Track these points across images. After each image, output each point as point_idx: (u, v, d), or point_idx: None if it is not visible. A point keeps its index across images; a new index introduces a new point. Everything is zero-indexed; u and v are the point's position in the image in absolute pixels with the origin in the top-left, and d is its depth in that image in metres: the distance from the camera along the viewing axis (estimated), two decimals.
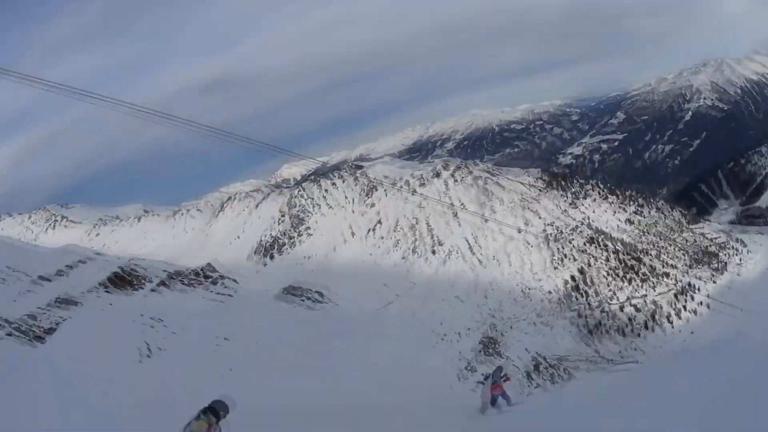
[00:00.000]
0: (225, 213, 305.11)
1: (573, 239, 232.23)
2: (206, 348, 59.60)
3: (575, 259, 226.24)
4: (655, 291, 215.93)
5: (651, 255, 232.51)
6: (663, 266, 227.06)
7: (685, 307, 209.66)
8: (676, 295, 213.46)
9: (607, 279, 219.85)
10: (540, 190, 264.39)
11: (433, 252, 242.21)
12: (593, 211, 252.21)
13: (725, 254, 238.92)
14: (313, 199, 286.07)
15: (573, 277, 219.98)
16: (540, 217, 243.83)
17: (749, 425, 17.48)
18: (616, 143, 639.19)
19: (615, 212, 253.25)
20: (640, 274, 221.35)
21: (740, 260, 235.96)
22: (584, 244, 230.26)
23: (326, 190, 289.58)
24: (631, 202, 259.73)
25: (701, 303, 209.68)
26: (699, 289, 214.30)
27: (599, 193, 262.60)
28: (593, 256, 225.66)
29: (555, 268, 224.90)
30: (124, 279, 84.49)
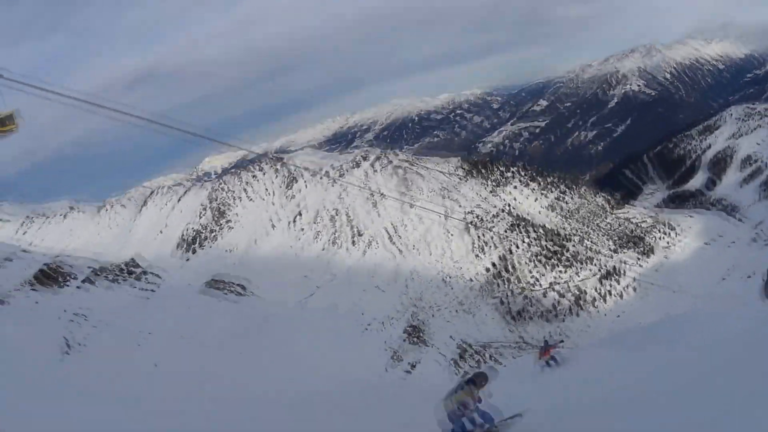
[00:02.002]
0: (148, 208, 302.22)
1: (494, 226, 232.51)
2: (129, 343, 58.49)
3: (496, 246, 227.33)
4: (579, 276, 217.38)
5: (574, 240, 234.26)
6: (587, 251, 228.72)
7: (610, 292, 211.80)
8: (600, 280, 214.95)
9: (529, 265, 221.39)
10: (460, 179, 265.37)
11: (353, 242, 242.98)
12: (515, 198, 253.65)
13: (652, 237, 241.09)
14: (233, 191, 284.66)
15: (494, 264, 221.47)
16: (460, 205, 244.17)
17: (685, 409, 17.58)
18: (537, 130, 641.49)
19: (537, 198, 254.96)
20: (563, 260, 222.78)
21: (668, 243, 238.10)
22: (505, 230, 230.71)
23: (247, 183, 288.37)
24: (554, 188, 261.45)
25: (627, 286, 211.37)
26: (625, 273, 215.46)
27: (520, 179, 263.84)
28: (515, 243, 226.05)
29: (476, 255, 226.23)
30: (50, 276, 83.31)
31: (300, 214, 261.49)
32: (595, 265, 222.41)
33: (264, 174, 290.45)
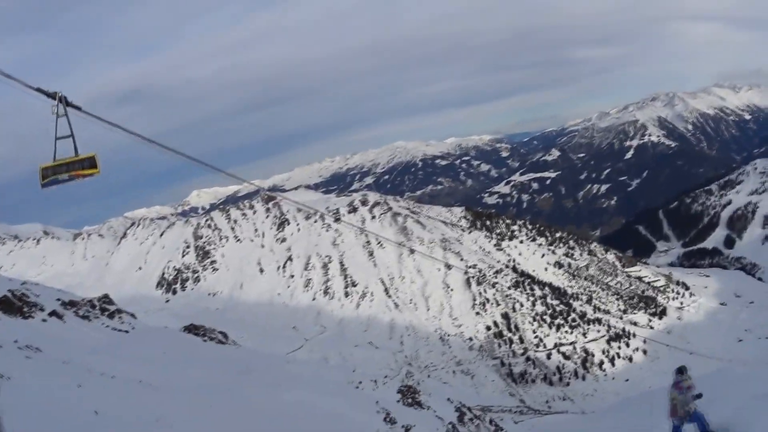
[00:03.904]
0: (128, 240, 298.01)
1: (497, 282, 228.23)
2: (68, 382, 52.51)
3: (499, 304, 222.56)
4: (585, 337, 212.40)
5: (581, 300, 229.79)
6: (595, 311, 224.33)
7: (619, 354, 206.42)
8: (609, 342, 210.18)
9: (533, 325, 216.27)
10: (463, 230, 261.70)
11: (347, 293, 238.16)
12: (520, 253, 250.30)
13: (665, 298, 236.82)
14: (220, 230, 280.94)
15: (496, 323, 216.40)
16: (462, 259, 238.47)
17: None
18: (548, 181, 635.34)
19: (543, 255, 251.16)
20: (569, 320, 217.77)
21: (681, 303, 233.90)
22: (509, 287, 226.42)
23: (235, 221, 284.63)
24: (562, 244, 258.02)
25: (637, 349, 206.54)
26: (634, 335, 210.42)
27: (527, 234, 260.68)
28: (518, 301, 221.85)
29: (477, 313, 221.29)
30: (13, 305, 77.76)
31: (290, 259, 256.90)
32: (604, 325, 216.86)
33: (254, 213, 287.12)
